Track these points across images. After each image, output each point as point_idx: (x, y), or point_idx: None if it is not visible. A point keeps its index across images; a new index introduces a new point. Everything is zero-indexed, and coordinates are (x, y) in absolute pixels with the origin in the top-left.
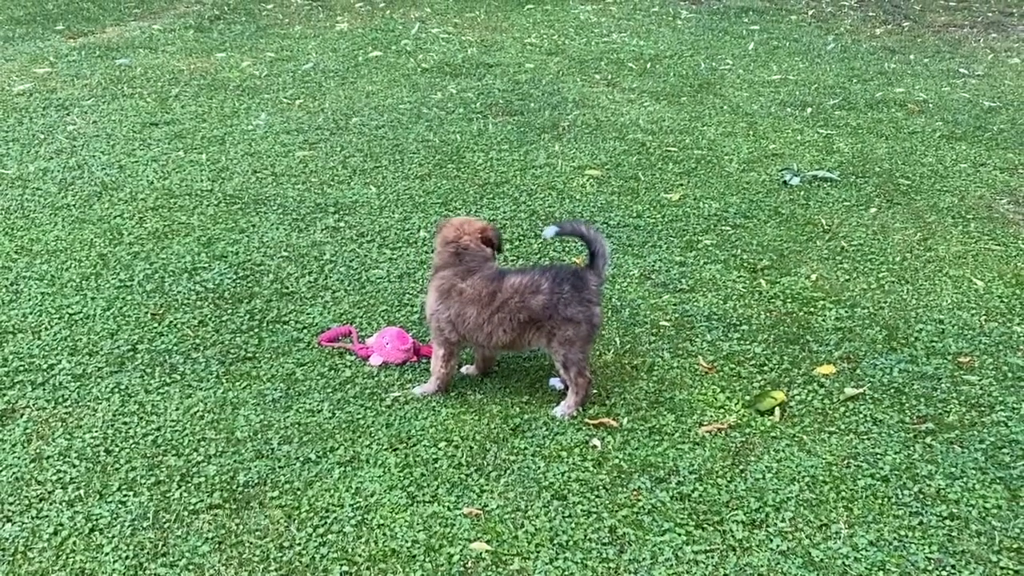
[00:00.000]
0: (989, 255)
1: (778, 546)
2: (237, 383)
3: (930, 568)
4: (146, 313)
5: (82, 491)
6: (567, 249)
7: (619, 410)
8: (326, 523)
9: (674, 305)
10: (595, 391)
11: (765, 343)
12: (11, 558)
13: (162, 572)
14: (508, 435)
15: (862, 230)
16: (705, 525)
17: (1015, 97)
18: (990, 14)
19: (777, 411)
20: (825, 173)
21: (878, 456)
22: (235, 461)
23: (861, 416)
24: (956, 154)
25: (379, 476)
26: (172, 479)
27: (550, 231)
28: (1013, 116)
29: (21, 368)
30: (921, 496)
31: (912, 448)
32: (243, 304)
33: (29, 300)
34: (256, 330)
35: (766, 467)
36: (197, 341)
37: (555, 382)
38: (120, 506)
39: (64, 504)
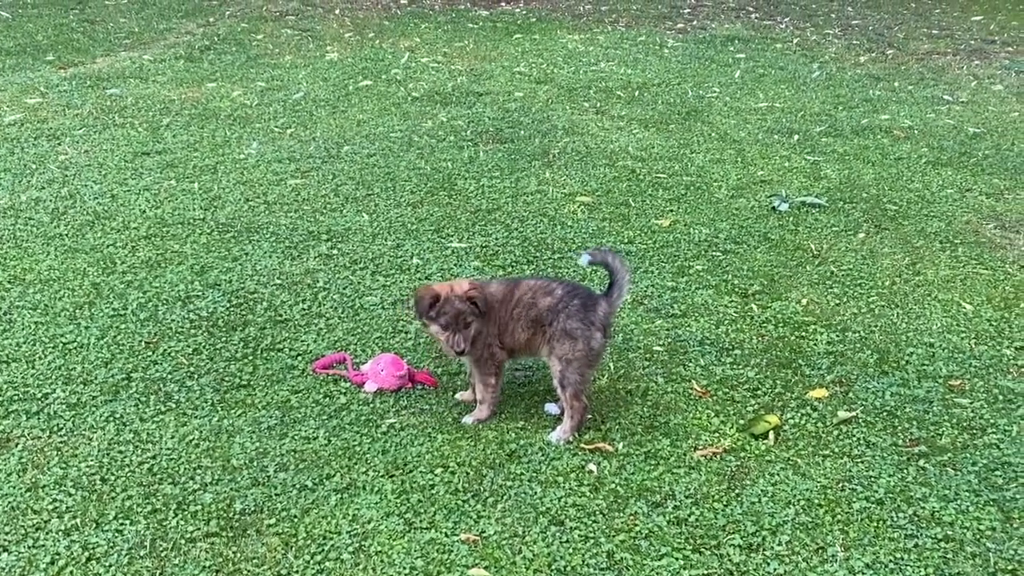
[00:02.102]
0: (977, 279)
1: (775, 570)
2: (232, 411)
3: None
4: (140, 341)
5: (78, 520)
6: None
7: (614, 435)
8: (323, 550)
9: (667, 330)
10: (590, 416)
11: (758, 367)
12: None
13: None
14: (504, 461)
15: (851, 255)
16: (702, 549)
17: (999, 123)
18: (972, 42)
19: (771, 435)
20: (813, 199)
21: (872, 479)
22: (231, 489)
23: (854, 439)
24: (942, 180)
25: (376, 503)
26: (168, 507)
27: (584, 259)
28: (997, 142)
29: (15, 397)
30: (916, 519)
31: (906, 471)
32: (237, 332)
33: (23, 329)
34: (250, 358)
35: (762, 491)
36: (192, 369)
37: (551, 408)
38: (117, 535)
39: (60, 533)
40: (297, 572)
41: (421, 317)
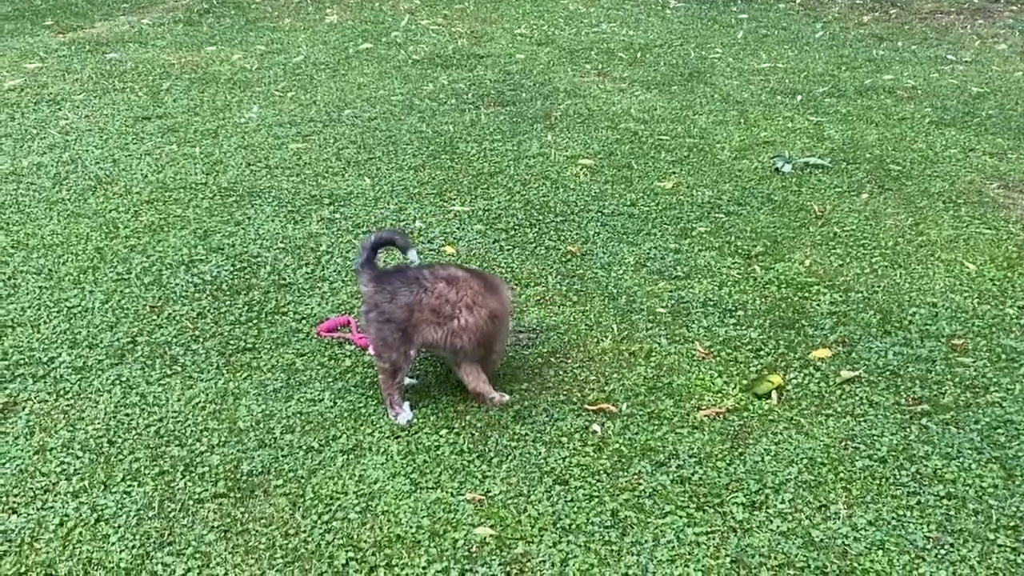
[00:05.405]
0: (980, 239)
1: (778, 527)
2: (238, 374)
3: (929, 547)
4: (145, 306)
5: (86, 482)
6: (563, 238)
7: (618, 396)
8: (331, 510)
9: (670, 292)
10: (593, 377)
11: (761, 328)
12: (18, 549)
13: (169, 561)
14: (509, 422)
15: (854, 216)
16: (706, 507)
17: (1002, 83)
18: (976, 0)
19: (774, 395)
20: (816, 160)
21: (875, 438)
22: (238, 451)
23: (857, 399)
24: (946, 140)
25: (382, 464)
26: (176, 469)
27: (412, 255)
28: (1001, 101)
29: (21, 361)
30: (918, 476)
31: (908, 429)
32: (241, 296)
33: (27, 294)
34: (255, 321)
35: (764, 450)
36: (196, 333)
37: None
38: (125, 496)
39: (69, 495)
40: (305, 532)
41: None
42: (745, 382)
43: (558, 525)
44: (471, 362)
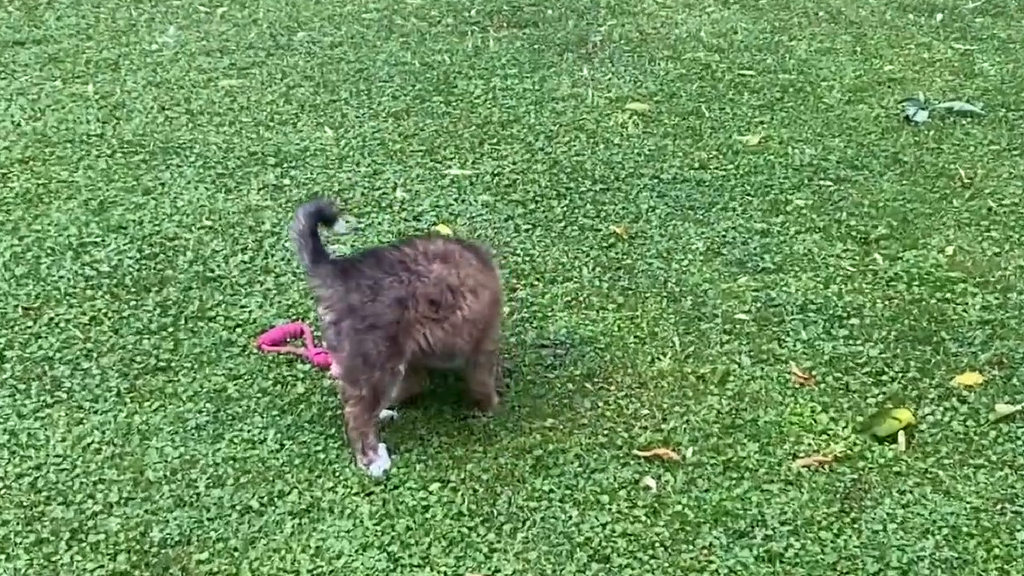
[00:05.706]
0: None
1: None
2: (146, 403)
3: None
4: (16, 307)
5: None
6: (604, 215)
7: (681, 437)
8: None
9: (755, 291)
10: (646, 411)
11: (883, 343)
12: None
13: None
14: (526, 474)
15: (1016, 184)
16: None
17: None
18: None
19: (902, 437)
20: (964, 105)
21: None
22: (146, 511)
23: (1020, 443)
24: None
25: (348, 531)
26: (59, 536)
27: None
28: None
29: None
30: None
31: None
32: (152, 294)
33: None
34: (171, 330)
35: (888, 515)
36: (89, 346)
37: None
38: None
39: None
40: None
41: None
42: (861, 419)
43: None
44: (472, 366)
